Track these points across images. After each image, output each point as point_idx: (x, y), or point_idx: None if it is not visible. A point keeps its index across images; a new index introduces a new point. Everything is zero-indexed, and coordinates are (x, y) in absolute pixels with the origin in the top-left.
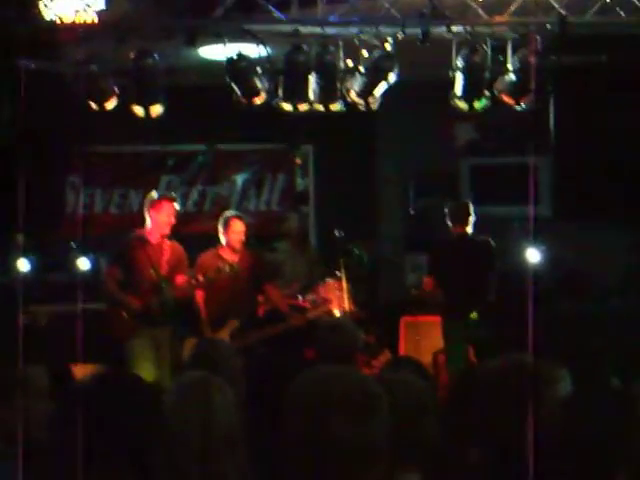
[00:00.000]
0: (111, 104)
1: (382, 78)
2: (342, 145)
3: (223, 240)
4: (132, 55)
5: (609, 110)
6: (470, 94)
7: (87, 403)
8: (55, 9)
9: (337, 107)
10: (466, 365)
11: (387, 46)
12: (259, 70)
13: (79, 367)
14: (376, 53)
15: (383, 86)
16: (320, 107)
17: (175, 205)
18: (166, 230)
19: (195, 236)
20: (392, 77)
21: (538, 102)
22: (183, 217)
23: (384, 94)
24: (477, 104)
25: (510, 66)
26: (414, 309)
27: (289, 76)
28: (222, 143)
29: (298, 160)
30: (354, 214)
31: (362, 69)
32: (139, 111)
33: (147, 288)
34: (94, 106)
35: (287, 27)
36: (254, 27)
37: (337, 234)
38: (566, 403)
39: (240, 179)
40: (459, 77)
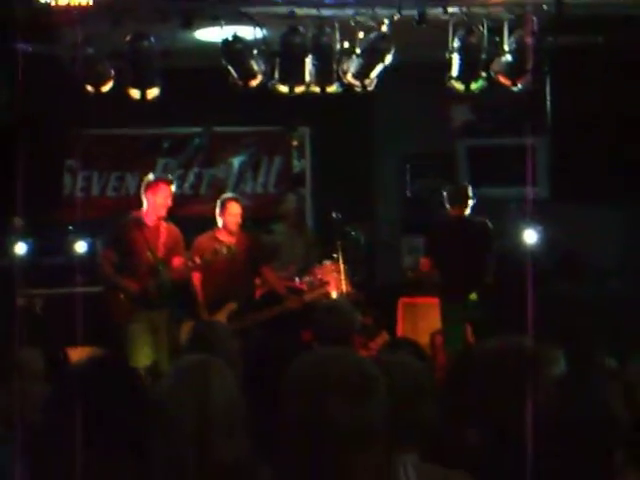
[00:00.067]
0: (107, 87)
1: (378, 59)
2: (339, 127)
3: (220, 222)
4: (128, 38)
5: (606, 91)
6: (466, 75)
7: (82, 387)
8: None
9: (333, 89)
10: (464, 346)
11: (383, 27)
12: (255, 52)
13: (77, 350)
14: (372, 34)
15: (379, 67)
16: (316, 89)
17: (171, 187)
18: (162, 212)
19: (192, 219)
20: (388, 58)
21: (535, 83)
22: (179, 200)
23: (380, 75)
24: (473, 85)
25: (506, 47)
26: (411, 291)
27: (285, 58)
28: (218, 125)
29: (295, 142)
30: (351, 196)
31: (358, 50)
32: (135, 94)
33: (144, 271)
34: (90, 89)
35: (283, 9)
36: (250, 9)
37: (334, 216)
38: (561, 384)
39: (236, 161)
40: (455, 58)
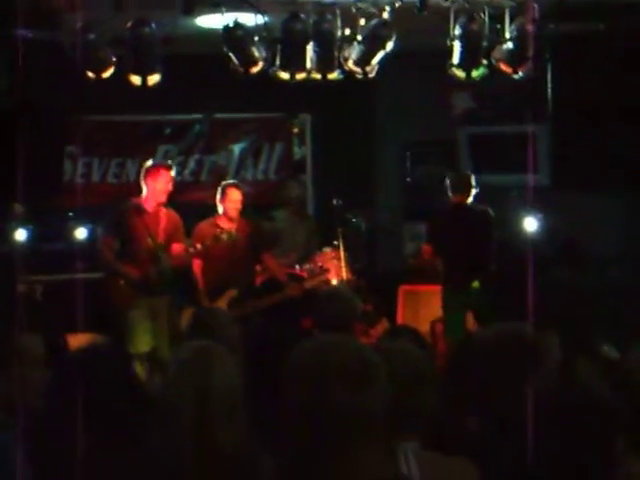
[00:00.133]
0: (108, 73)
1: (380, 46)
2: (340, 114)
3: (220, 209)
4: (129, 24)
5: (607, 78)
6: (468, 62)
7: (80, 373)
8: None
9: (335, 76)
10: (464, 334)
11: (384, 14)
12: (256, 39)
13: (77, 336)
14: (374, 21)
15: (380, 55)
16: (317, 76)
17: (171, 173)
18: (163, 198)
19: (192, 205)
20: (389, 45)
21: (536, 70)
22: (180, 186)
23: (381, 62)
24: (475, 72)
25: (508, 34)
26: (412, 278)
27: (286, 45)
28: (219, 112)
29: (295, 129)
30: (352, 183)
31: (360, 37)
32: (136, 80)
33: (144, 257)
34: (91, 75)
35: None
36: None
37: (335, 203)
38: (560, 370)
39: (237, 148)
40: (456, 45)
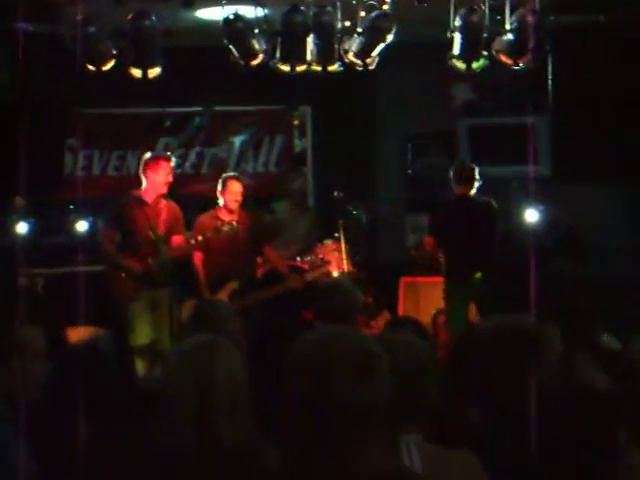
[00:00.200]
0: (109, 66)
1: (380, 38)
2: (340, 106)
3: (221, 201)
4: (130, 17)
5: (607, 69)
6: (468, 54)
7: (81, 366)
8: None
9: (335, 68)
10: (467, 326)
11: (385, 6)
12: (256, 31)
13: (78, 329)
14: (374, 13)
15: (381, 46)
16: (318, 68)
17: (171, 164)
18: (163, 190)
19: (193, 198)
20: (390, 37)
21: (536, 62)
22: (181, 179)
23: (382, 54)
24: (475, 64)
25: (508, 26)
26: (413, 270)
27: (287, 37)
28: (220, 104)
29: (296, 121)
30: (352, 175)
31: (360, 29)
32: (137, 73)
33: (146, 249)
34: (92, 68)
35: None
36: None
37: (336, 195)
38: (561, 362)
39: (238, 140)
40: (457, 37)
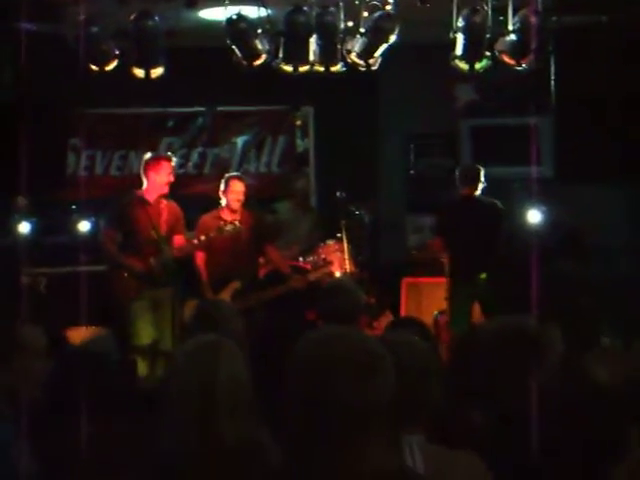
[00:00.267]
0: (111, 66)
1: (383, 39)
2: (342, 106)
3: (223, 201)
4: (132, 17)
5: (610, 70)
6: (471, 55)
7: (82, 365)
8: None
9: (337, 68)
10: (469, 327)
11: (388, 6)
12: (259, 31)
13: (80, 329)
14: (377, 14)
15: (383, 47)
16: (320, 68)
17: (172, 163)
18: (165, 189)
19: (195, 198)
20: (392, 38)
21: (539, 62)
22: (183, 179)
23: (384, 55)
24: (478, 64)
25: (511, 26)
26: (415, 270)
27: (289, 37)
28: (222, 105)
29: (298, 121)
30: (355, 175)
31: (363, 30)
32: (139, 73)
33: (148, 249)
34: (94, 68)
35: None
36: None
37: (338, 195)
38: (563, 363)
39: (240, 141)
40: (460, 37)
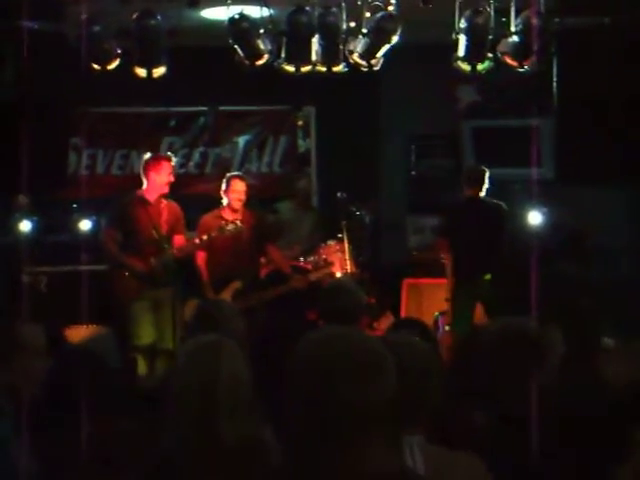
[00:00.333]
0: (113, 65)
1: (385, 39)
2: (344, 106)
3: (225, 201)
4: (135, 16)
5: (612, 72)
6: (473, 56)
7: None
8: None
9: (339, 68)
10: (471, 328)
11: (390, 7)
12: (261, 31)
13: (81, 328)
14: (379, 14)
15: (386, 47)
16: (322, 68)
17: (172, 163)
18: (165, 189)
19: (196, 198)
20: (395, 38)
21: (541, 64)
22: (185, 179)
23: (387, 55)
24: (480, 66)
25: (513, 27)
26: (415, 271)
27: (292, 37)
28: (224, 104)
29: (300, 121)
30: (356, 176)
31: (365, 30)
32: (141, 72)
33: (149, 249)
34: (96, 67)
35: None
36: None
37: (339, 196)
38: (564, 365)
39: (242, 141)
40: (462, 39)
